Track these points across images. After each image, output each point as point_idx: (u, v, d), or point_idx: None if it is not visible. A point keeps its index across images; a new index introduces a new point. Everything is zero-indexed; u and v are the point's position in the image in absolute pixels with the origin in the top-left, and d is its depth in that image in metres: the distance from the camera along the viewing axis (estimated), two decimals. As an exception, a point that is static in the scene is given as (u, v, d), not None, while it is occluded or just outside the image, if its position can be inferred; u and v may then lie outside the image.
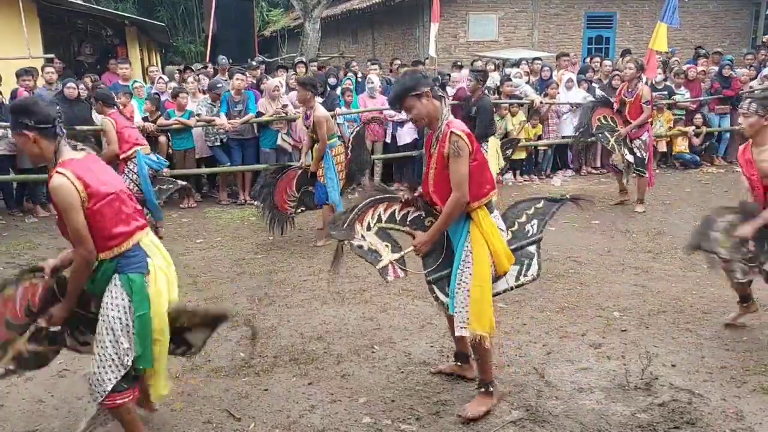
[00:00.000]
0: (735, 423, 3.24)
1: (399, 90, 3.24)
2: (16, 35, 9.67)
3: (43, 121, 2.67)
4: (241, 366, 3.93)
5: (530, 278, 3.53)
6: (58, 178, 2.61)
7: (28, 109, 2.69)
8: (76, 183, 2.62)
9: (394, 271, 3.37)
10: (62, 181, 2.61)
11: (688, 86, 10.26)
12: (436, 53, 8.64)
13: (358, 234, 3.33)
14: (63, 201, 2.62)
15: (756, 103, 3.71)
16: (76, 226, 2.64)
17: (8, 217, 7.72)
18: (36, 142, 2.69)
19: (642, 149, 7.45)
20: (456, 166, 3.13)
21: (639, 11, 16.63)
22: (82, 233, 2.65)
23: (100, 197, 2.68)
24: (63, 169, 2.64)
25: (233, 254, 6.28)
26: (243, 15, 16.76)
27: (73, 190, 2.61)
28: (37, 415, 3.44)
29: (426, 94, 3.18)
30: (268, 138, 8.58)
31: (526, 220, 3.54)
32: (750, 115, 3.72)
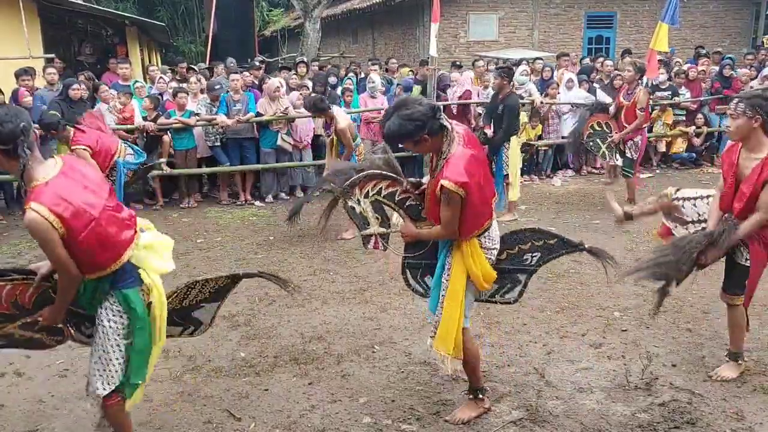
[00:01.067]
0: (735, 423, 3.24)
1: (391, 135, 2.93)
2: (16, 35, 9.67)
3: (4, 142, 2.46)
4: (241, 366, 3.93)
5: (505, 300, 3.44)
6: (31, 215, 2.44)
7: None
8: (52, 219, 2.45)
9: (375, 243, 3.38)
10: (35, 218, 2.44)
11: (688, 86, 10.26)
12: (437, 53, 8.61)
13: (354, 196, 3.28)
14: (39, 237, 2.48)
15: (744, 103, 3.38)
16: (55, 257, 2.55)
17: (8, 217, 7.73)
18: (3, 163, 2.53)
19: (633, 150, 7.46)
20: (445, 212, 2.95)
21: (639, 11, 16.64)
22: (63, 262, 2.56)
23: (79, 229, 2.53)
24: (36, 204, 2.45)
25: (233, 254, 6.28)
26: (243, 15, 16.76)
27: (49, 227, 2.45)
28: (37, 415, 3.44)
29: (423, 138, 2.90)
30: (268, 138, 8.57)
31: (529, 249, 3.35)
32: (738, 116, 3.38)
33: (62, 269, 2.60)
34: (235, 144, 8.50)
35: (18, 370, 3.89)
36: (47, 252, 2.54)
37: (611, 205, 4.19)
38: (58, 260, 2.56)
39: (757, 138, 3.38)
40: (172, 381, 3.74)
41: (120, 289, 2.72)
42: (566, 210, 7.80)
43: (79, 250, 2.57)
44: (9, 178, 7.73)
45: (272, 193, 8.70)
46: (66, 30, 14.78)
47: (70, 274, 2.61)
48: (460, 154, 2.92)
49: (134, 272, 2.76)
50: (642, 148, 7.57)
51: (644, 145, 7.64)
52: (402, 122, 2.86)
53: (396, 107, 2.93)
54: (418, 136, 2.88)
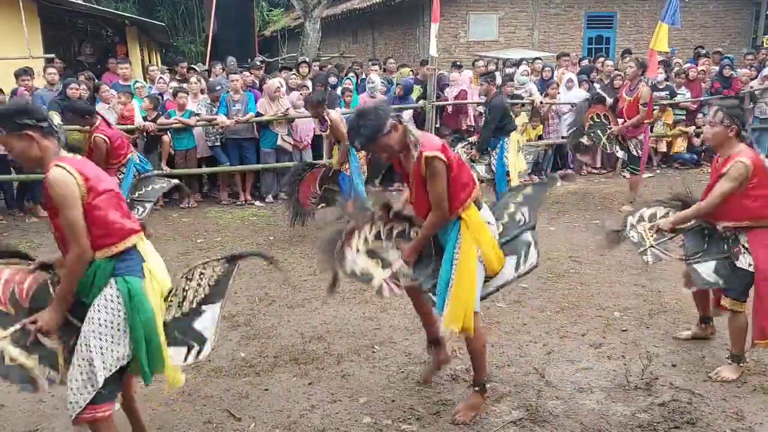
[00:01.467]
0: (735, 423, 3.24)
1: (369, 134, 3.09)
2: (16, 35, 9.67)
3: (43, 119, 2.58)
4: (241, 366, 3.93)
5: (530, 266, 3.44)
6: (57, 170, 2.51)
7: (26, 108, 2.60)
8: (76, 175, 2.52)
9: (389, 289, 3.31)
10: (61, 172, 2.50)
11: (688, 86, 10.25)
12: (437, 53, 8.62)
13: (349, 260, 3.30)
14: (61, 193, 2.49)
15: (723, 112, 3.51)
16: (72, 219, 2.51)
17: (9, 217, 7.73)
18: (38, 143, 2.57)
19: (638, 148, 7.48)
20: (434, 186, 3.11)
21: (639, 11, 16.63)
22: (78, 228, 2.53)
23: (99, 192, 2.57)
24: (61, 162, 2.55)
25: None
26: (243, 15, 16.76)
27: (73, 182, 2.50)
28: (37, 415, 3.44)
29: (393, 126, 3.12)
30: (268, 138, 8.57)
31: (515, 210, 3.51)
32: (715, 124, 3.54)
33: (74, 235, 2.53)
34: (235, 144, 8.50)
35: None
36: (64, 213, 2.51)
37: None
38: (72, 222, 2.52)
39: (730, 145, 3.55)
40: (172, 381, 3.74)
41: (123, 276, 2.63)
42: (566, 210, 7.80)
43: (94, 215, 2.56)
44: (9, 178, 7.74)
45: (272, 193, 8.70)
46: (66, 30, 14.78)
47: (81, 244, 2.54)
48: (427, 134, 3.24)
49: (140, 263, 2.70)
50: (646, 146, 7.61)
51: (648, 144, 7.67)
52: (374, 116, 3.09)
53: (359, 115, 3.16)
54: (389, 122, 3.10)
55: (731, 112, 3.53)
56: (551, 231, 6.89)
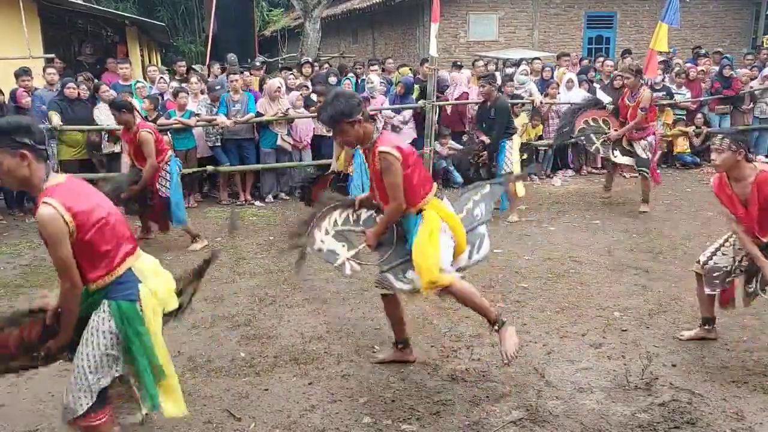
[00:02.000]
0: (735, 423, 3.24)
1: (334, 114, 3.32)
2: (16, 35, 9.67)
3: (41, 142, 2.52)
4: (241, 366, 3.93)
5: (483, 255, 3.78)
6: (46, 209, 2.45)
7: (29, 128, 2.52)
8: (64, 214, 2.46)
9: (351, 267, 3.67)
10: (49, 212, 2.45)
11: (688, 86, 10.25)
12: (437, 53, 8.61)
13: (317, 240, 3.68)
14: (49, 233, 2.47)
15: (729, 138, 3.74)
16: (61, 257, 2.50)
17: (8, 217, 7.73)
18: (30, 165, 2.50)
19: (647, 150, 7.49)
20: (389, 179, 3.35)
21: (639, 11, 16.62)
22: (67, 265, 2.52)
23: (88, 226, 2.53)
24: (50, 198, 2.47)
25: (233, 254, 6.28)
26: (243, 15, 16.73)
27: (61, 222, 2.46)
28: (38, 415, 3.44)
29: (359, 120, 3.32)
30: (268, 138, 8.57)
31: (473, 206, 3.83)
32: (723, 151, 3.74)
33: (64, 271, 2.54)
34: (234, 144, 8.50)
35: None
36: (52, 251, 2.50)
37: None
38: (61, 260, 2.51)
39: (740, 168, 3.76)
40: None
41: (116, 300, 2.64)
42: (566, 210, 7.80)
43: (85, 250, 2.55)
44: (9, 178, 7.73)
45: (272, 193, 8.70)
46: (66, 30, 14.77)
47: (71, 280, 2.55)
48: (388, 133, 3.55)
49: (134, 285, 2.68)
50: (656, 147, 7.65)
51: (658, 145, 7.71)
52: (347, 100, 3.32)
53: (335, 94, 3.39)
54: (357, 114, 3.31)
55: (736, 138, 3.76)
56: (551, 231, 6.89)
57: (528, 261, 5.87)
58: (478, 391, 3.58)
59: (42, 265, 5.96)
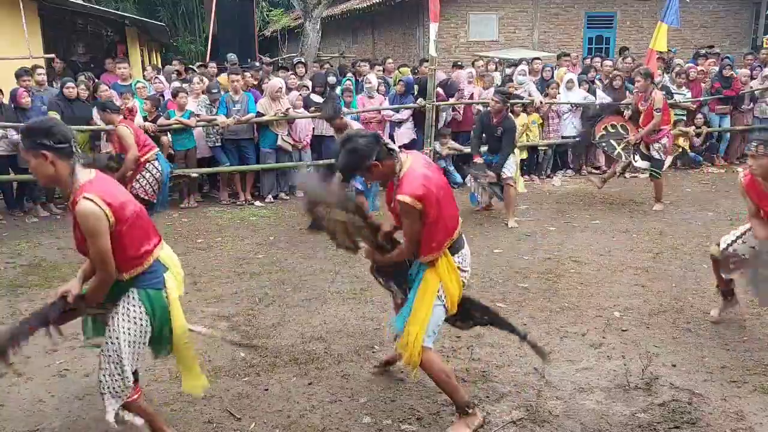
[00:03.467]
0: (735, 423, 3.24)
1: (344, 169, 3.11)
2: (16, 35, 9.67)
3: (62, 141, 2.64)
4: (241, 366, 3.93)
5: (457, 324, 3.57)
6: (88, 204, 2.60)
7: (48, 130, 2.64)
8: (105, 209, 2.62)
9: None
10: (92, 207, 2.60)
11: (688, 86, 10.25)
12: (437, 52, 8.60)
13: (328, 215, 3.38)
14: (92, 227, 2.61)
15: (764, 145, 3.74)
16: (101, 250, 2.66)
17: (8, 217, 7.72)
18: (53, 164, 2.64)
19: (661, 152, 7.61)
20: (405, 226, 3.12)
21: (639, 11, 16.62)
22: (106, 257, 2.67)
23: (124, 219, 2.70)
24: (90, 194, 2.62)
25: (233, 254, 6.28)
26: (243, 15, 16.72)
27: (103, 217, 2.61)
28: (38, 415, 3.44)
29: (372, 165, 3.05)
30: (268, 138, 8.57)
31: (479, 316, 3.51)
32: (760, 157, 3.75)
33: (103, 262, 2.69)
34: (234, 144, 8.50)
35: (18, 370, 3.88)
36: (93, 244, 2.64)
37: None
38: (101, 252, 2.66)
39: None
40: (172, 381, 3.74)
41: (144, 289, 2.82)
42: (566, 210, 7.80)
43: (123, 241, 2.70)
44: (9, 178, 7.73)
45: (272, 193, 8.71)
46: (66, 30, 14.77)
47: (108, 270, 2.71)
48: (413, 172, 3.07)
49: (161, 273, 2.87)
50: (669, 148, 7.76)
51: (671, 146, 7.84)
52: (349, 155, 3.05)
53: (342, 144, 3.12)
54: (367, 164, 3.05)
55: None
56: (551, 231, 6.89)
57: (528, 261, 5.87)
58: (478, 391, 3.58)
59: (42, 264, 5.97)
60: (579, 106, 9.70)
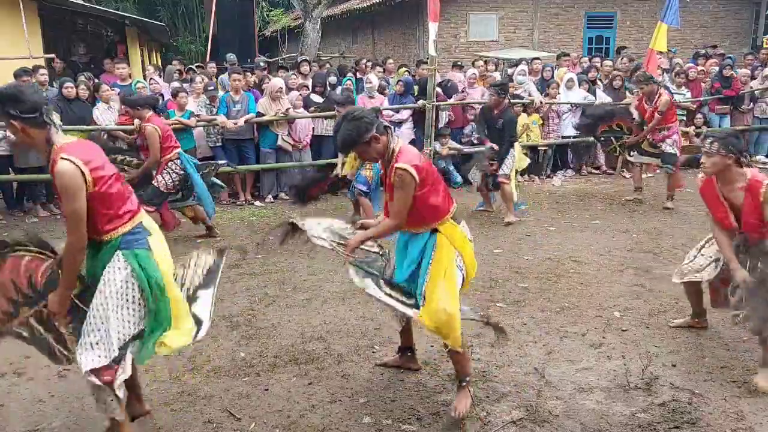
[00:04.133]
0: (735, 423, 3.24)
1: (345, 140, 3.19)
2: (16, 35, 9.67)
3: (29, 110, 2.63)
4: (241, 366, 3.93)
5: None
6: (65, 163, 2.60)
7: (14, 97, 2.64)
8: (82, 167, 2.62)
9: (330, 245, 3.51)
10: (68, 166, 2.59)
11: (688, 86, 10.25)
12: (437, 52, 8.60)
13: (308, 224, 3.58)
14: (67, 185, 2.60)
15: (718, 142, 3.67)
16: (74, 208, 2.63)
17: (8, 217, 7.72)
18: (24, 131, 2.66)
19: (674, 147, 7.70)
20: (398, 197, 3.19)
21: (639, 11, 16.62)
22: (78, 218, 2.64)
23: (105, 179, 2.70)
24: (68, 154, 2.62)
25: (233, 254, 6.27)
26: (243, 15, 16.73)
27: (79, 174, 2.61)
28: (38, 415, 3.44)
29: (374, 138, 3.17)
30: (268, 138, 8.57)
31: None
32: (712, 155, 3.68)
33: (76, 221, 2.65)
34: (234, 144, 8.49)
35: (18, 370, 3.89)
36: (67, 201, 2.63)
37: None
38: (74, 211, 2.64)
39: (731, 172, 3.69)
40: (172, 381, 3.74)
41: (130, 249, 2.80)
42: (566, 210, 7.80)
43: (103, 201, 2.70)
44: (9, 178, 7.73)
45: (272, 193, 8.70)
46: (66, 30, 14.76)
47: (80, 230, 2.67)
48: (408, 148, 3.30)
49: (145, 236, 2.86)
50: (679, 143, 7.85)
51: (680, 143, 7.94)
52: (352, 126, 3.15)
53: (344, 117, 3.22)
54: (369, 134, 3.15)
55: (726, 141, 3.65)
56: (551, 231, 6.89)
57: (528, 261, 5.87)
58: (478, 391, 3.57)
59: (42, 265, 5.96)
60: (579, 106, 9.70)
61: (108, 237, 2.77)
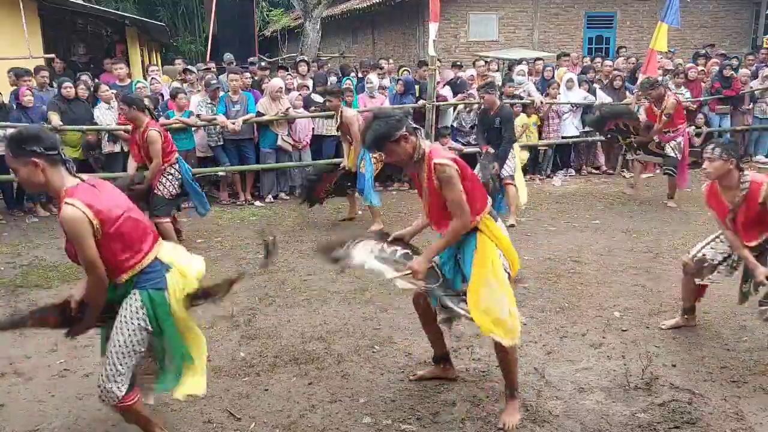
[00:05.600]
0: (735, 423, 3.24)
1: (375, 138, 3.13)
2: (16, 35, 9.67)
3: (52, 148, 2.61)
4: (241, 366, 3.93)
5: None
6: (69, 209, 2.57)
7: (37, 136, 2.62)
8: (87, 212, 2.58)
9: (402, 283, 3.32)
10: (73, 212, 2.57)
11: (688, 86, 10.25)
12: (436, 52, 8.59)
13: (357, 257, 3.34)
14: (75, 232, 2.59)
15: (720, 148, 3.88)
16: (87, 254, 2.63)
17: (8, 217, 7.72)
18: (43, 171, 2.61)
19: (676, 150, 7.73)
20: (451, 194, 3.12)
21: (639, 11, 16.63)
22: (94, 261, 2.65)
23: (112, 221, 2.67)
24: (72, 199, 2.59)
25: (233, 254, 6.28)
26: (243, 15, 16.74)
27: (85, 221, 2.58)
28: (38, 415, 3.44)
29: (402, 137, 3.11)
30: (267, 138, 8.57)
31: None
32: (715, 159, 3.85)
33: (92, 266, 2.66)
34: (234, 144, 8.49)
35: (18, 370, 3.89)
36: (80, 248, 2.62)
37: None
38: (89, 255, 2.64)
39: (732, 176, 3.89)
40: (172, 381, 3.74)
41: (146, 289, 2.80)
42: (566, 210, 7.80)
43: (112, 244, 2.68)
44: (9, 178, 7.72)
45: (272, 193, 8.71)
46: (66, 30, 14.76)
47: (97, 273, 2.69)
48: (438, 146, 3.27)
49: (162, 273, 2.84)
50: (686, 148, 7.88)
51: (687, 146, 7.95)
52: (385, 121, 3.12)
53: (374, 115, 3.21)
54: (399, 132, 3.10)
55: (727, 147, 3.88)
56: (551, 231, 6.89)
57: (528, 261, 5.87)
58: (478, 391, 3.58)
59: (41, 265, 5.97)
60: (579, 106, 9.70)
61: (124, 277, 2.77)
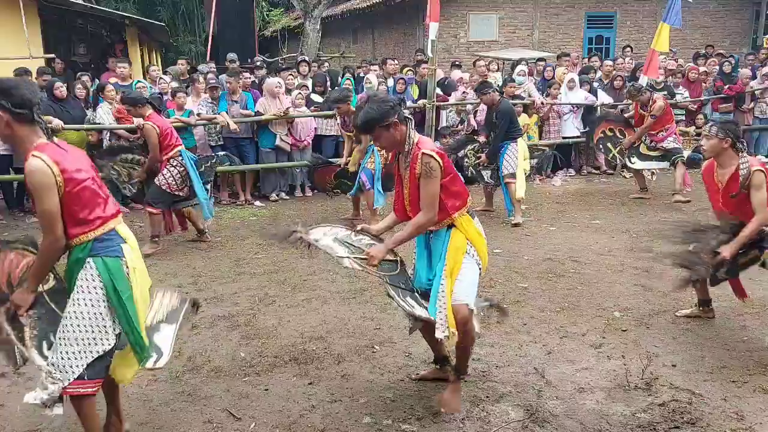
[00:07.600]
0: (735, 423, 3.24)
1: (367, 120, 3.14)
2: (16, 35, 9.67)
3: (19, 105, 2.59)
4: (241, 366, 3.93)
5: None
6: (34, 160, 2.57)
7: (7, 90, 2.60)
8: (53, 166, 2.57)
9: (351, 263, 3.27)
10: (38, 163, 2.56)
11: (688, 86, 10.25)
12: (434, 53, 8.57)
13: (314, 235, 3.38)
14: (37, 183, 2.57)
15: (716, 127, 4.11)
16: (47, 208, 2.59)
17: (8, 217, 7.73)
18: (8, 125, 2.60)
19: (675, 142, 8.00)
20: (428, 187, 3.13)
21: (639, 11, 16.62)
22: (53, 217, 2.61)
23: (76, 182, 2.65)
24: (38, 152, 2.59)
25: (233, 254, 6.28)
26: (243, 15, 16.73)
27: (49, 173, 2.56)
28: (38, 415, 3.43)
29: (394, 123, 3.13)
30: (267, 138, 8.57)
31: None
32: (711, 137, 4.10)
33: (49, 224, 2.63)
34: (233, 144, 8.49)
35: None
36: (39, 201, 2.59)
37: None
38: (48, 211, 2.60)
39: (727, 155, 4.10)
40: (172, 381, 3.74)
41: (101, 257, 2.73)
42: (566, 210, 7.80)
43: (72, 204, 2.65)
44: (9, 177, 7.74)
45: (276, 192, 8.71)
46: (66, 30, 14.76)
47: (55, 232, 2.63)
48: (426, 138, 3.31)
49: (118, 243, 2.79)
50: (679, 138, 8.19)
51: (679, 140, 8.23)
52: (378, 105, 3.14)
53: (368, 98, 3.24)
54: (392, 117, 3.12)
55: (724, 126, 4.10)
56: (551, 231, 6.89)
57: (528, 261, 5.87)
58: (478, 391, 3.57)
59: (42, 265, 5.96)
60: (580, 106, 9.70)
61: (77, 242, 2.70)
